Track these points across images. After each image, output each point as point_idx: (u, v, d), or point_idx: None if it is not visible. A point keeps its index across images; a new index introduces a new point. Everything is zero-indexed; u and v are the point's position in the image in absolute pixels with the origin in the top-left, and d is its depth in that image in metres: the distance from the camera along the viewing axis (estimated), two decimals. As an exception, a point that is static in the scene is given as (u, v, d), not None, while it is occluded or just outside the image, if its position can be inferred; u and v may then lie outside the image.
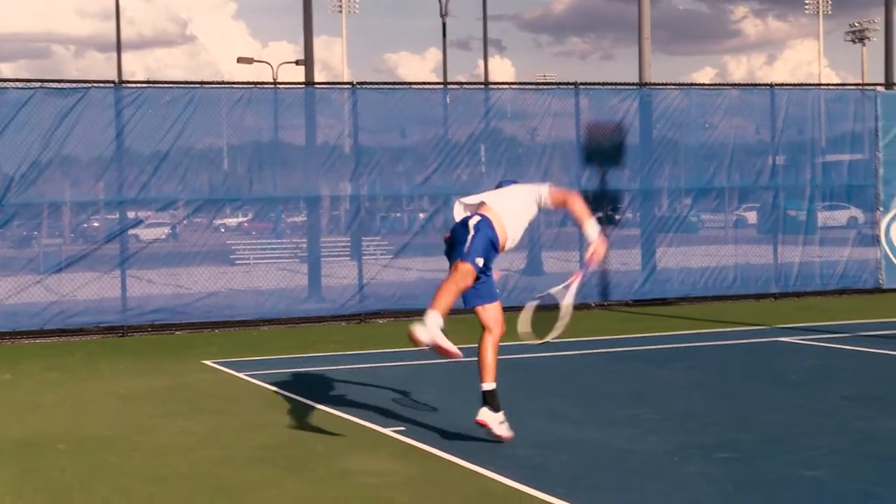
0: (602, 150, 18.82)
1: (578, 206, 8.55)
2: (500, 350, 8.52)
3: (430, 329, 7.85)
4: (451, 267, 8.35)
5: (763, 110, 19.57)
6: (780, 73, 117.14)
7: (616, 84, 19.42)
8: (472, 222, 8.43)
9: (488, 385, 8.46)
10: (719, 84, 33.06)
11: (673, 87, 19.80)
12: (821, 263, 19.71)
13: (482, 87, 20.44)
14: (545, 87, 19.78)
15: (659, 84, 20.01)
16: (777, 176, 19.54)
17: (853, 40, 64.61)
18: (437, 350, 7.88)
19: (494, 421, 8.45)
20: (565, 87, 19.01)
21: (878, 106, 19.73)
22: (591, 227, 8.51)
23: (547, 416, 9.64)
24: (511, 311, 8.95)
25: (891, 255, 19.70)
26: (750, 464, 7.79)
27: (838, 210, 21.18)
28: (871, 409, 9.59)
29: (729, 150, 19.43)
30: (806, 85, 21.65)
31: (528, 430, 9.07)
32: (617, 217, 19.12)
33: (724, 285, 19.11)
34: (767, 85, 19.88)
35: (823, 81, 46.39)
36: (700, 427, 9.04)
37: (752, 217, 20.87)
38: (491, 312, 8.63)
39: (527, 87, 19.81)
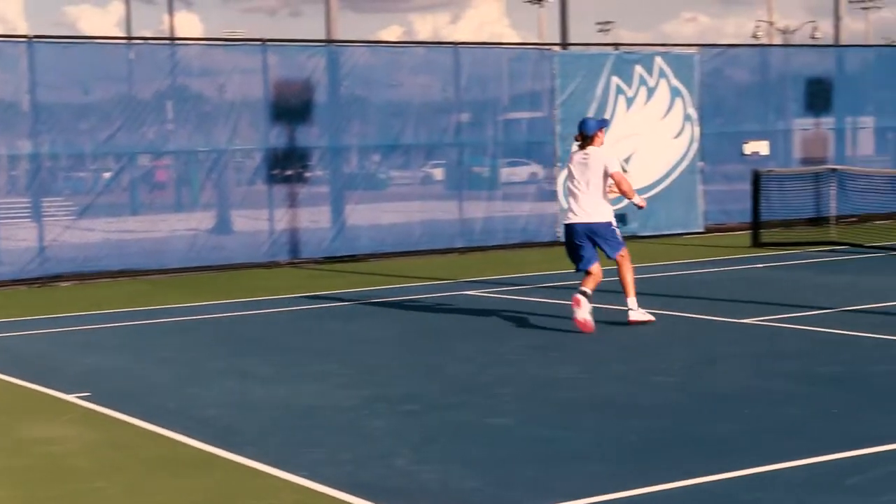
0: (291, 108, 18.74)
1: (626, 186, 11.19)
2: (187, 311, 8.42)
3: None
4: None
5: (447, 69, 19.96)
6: (464, 32, 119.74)
7: (303, 41, 19.36)
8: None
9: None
10: (405, 42, 33.49)
11: (360, 44, 19.91)
12: (503, 218, 20.35)
13: (168, 42, 19.93)
14: (232, 43, 19.50)
15: (346, 41, 20.09)
16: (462, 133, 20.01)
17: (532, 1, 66.72)
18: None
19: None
20: (252, 43, 18.79)
21: (555, 65, 20.48)
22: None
23: (236, 375, 9.57)
24: (199, 271, 8.78)
25: (568, 209, 20.55)
26: (437, 414, 7.99)
27: (519, 166, 21.89)
28: (550, 357, 10.01)
29: (415, 107, 19.73)
30: (488, 44, 22.20)
31: (216, 390, 8.99)
32: (306, 174, 19.13)
33: (411, 241, 19.45)
34: (451, 43, 20.29)
35: (506, 41, 47.71)
36: (388, 380, 9.20)
37: (438, 174, 21.28)
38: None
39: (214, 43, 19.49)
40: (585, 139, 11.21)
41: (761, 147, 22.49)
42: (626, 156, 20.94)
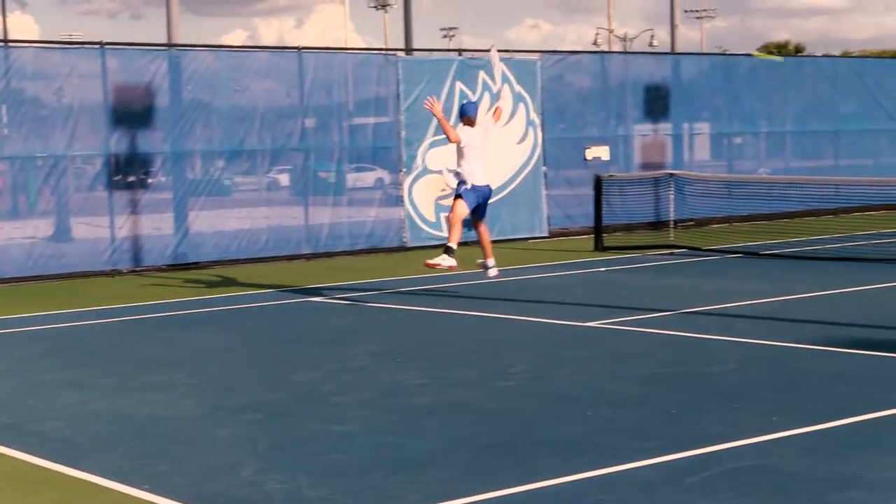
0: (132, 112, 18.37)
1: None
2: (25, 322, 8.16)
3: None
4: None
5: (292, 73, 19.82)
6: (309, 36, 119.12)
7: (144, 45, 18.99)
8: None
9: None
10: (249, 46, 33.15)
11: (202, 48, 19.63)
12: (350, 224, 20.30)
13: (0, 44, 19.35)
14: (70, 46, 19.02)
15: (188, 45, 19.78)
16: (307, 138, 19.89)
17: (376, 7, 66.81)
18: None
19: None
20: (91, 46, 18.37)
21: (399, 71, 20.52)
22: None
23: (76, 387, 9.32)
24: (37, 280, 8.53)
25: (413, 215, 20.62)
26: (281, 423, 7.91)
27: (365, 171, 21.86)
28: (394, 362, 10.01)
29: (260, 112, 19.54)
30: (332, 49, 22.12)
31: (55, 402, 8.75)
32: (149, 180, 18.77)
33: (257, 248, 19.25)
34: (295, 48, 20.16)
35: (350, 46, 47.63)
36: (232, 389, 9.08)
37: (284, 179, 21.11)
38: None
39: (50, 45, 18.98)
40: (472, 121, 13.76)
41: (602, 152, 22.91)
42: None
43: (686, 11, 78.73)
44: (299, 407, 8.39)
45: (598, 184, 19.96)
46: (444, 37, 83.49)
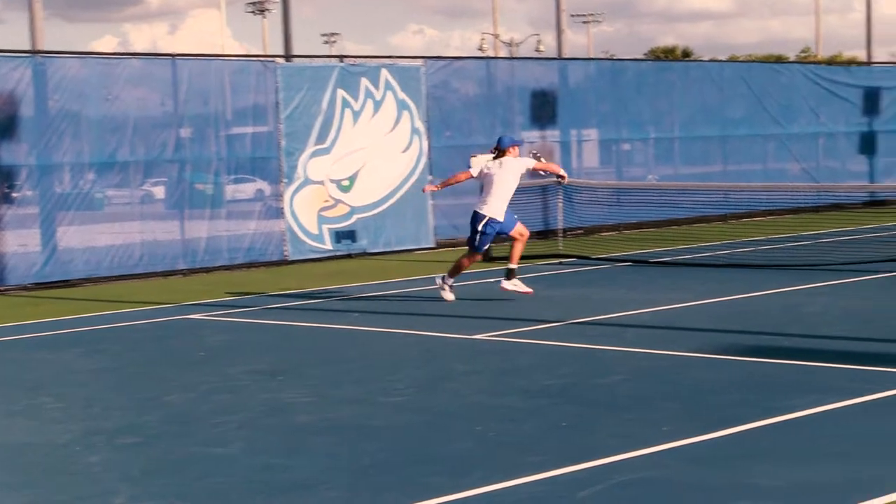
0: (-7, 123, 17.97)
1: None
2: None
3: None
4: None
5: (166, 81, 19.58)
6: (184, 43, 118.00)
7: (5, 51, 18.59)
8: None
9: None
10: (120, 53, 32.71)
11: (69, 55, 19.29)
12: (228, 237, 20.10)
13: None
14: (-75, 53, 18.54)
15: (54, 52, 19.41)
16: (183, 149, 19.66)
17: (254, 12, 66.41)
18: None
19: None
20: (-53, 53, 17.92)
21: (278, 78, 20.40)
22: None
23: (-64, 414, 9.06)
24: None
25: (295, 227, 20.50)
26: (156, 446, 7.78)
27: (245, 183, 21.68)
28: (276, 381, 9.92)
29: (132, 122, 19.24)
30: (208, 55, 21.89)
31: (-87, 431, 8.48)
32: (13, 195, 18.37)
33: (130, 264, 18.96)
34: (169, 55, 19.91)
35: (227, 52, 47.19)
36: (104, 412, 8.91)
37: (159, 192, 20.82)
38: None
39: None
40: (500, 152, 14.16)
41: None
42: (353, 171, 21.08)
43: (573, 16, 79.73)
44: (176, 429, 8.26)
45: (485, 192, 20.00)
46: (325, 43, 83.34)
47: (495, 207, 14.26)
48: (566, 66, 25.21)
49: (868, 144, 29.32)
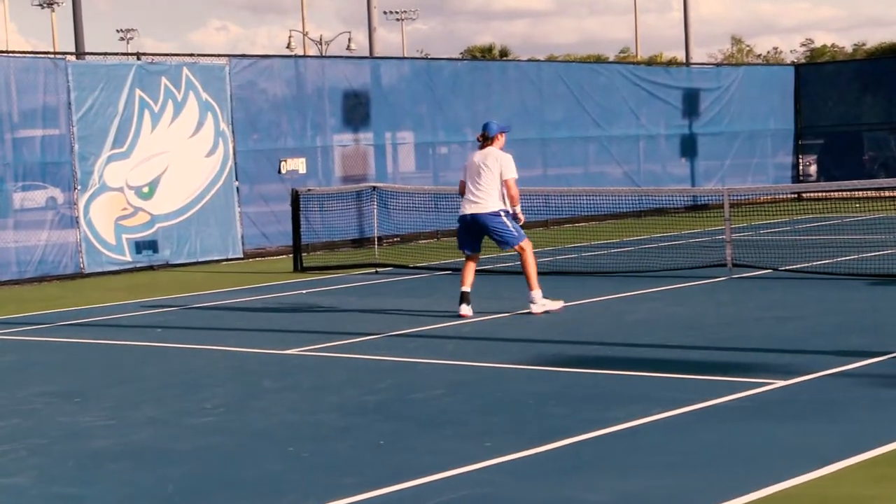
0: None
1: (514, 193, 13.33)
2: None
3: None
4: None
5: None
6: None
7: None
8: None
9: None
10: None
11: None
12: (17, 249, 19.56)
13: None
14: None
15: None
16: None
17: (41, 5, 64.86)
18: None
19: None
20: None
21: (69, 77, 19.94)
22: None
23: None
24: None
25: (91, 237, 20.05)
26: (-62, 479, 7.51)
27: (35, 190, 21.11)
28: (72, 403, 9.69)
29: None
30: (-8, 53, 21.29)
31: None
32: None
33: None
34: (-52, 52, 19.26)
35: (11, 49, 45.95)
36: None
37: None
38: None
39: None
40: (486, 139, 13.37)
41: (299, 165, 22.96)
42: (154, 176, 20.74)
43: (385, 13, 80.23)
44: (-41, 459, 7.99)
45: (296, 199, 19.96)
46: (122, 39, 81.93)
47: (494, 200, 13.26)
48: (379, 65, 25.29)
49: (689, 147, 30.22)
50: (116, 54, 22.22)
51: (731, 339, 11.19)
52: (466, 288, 13.44)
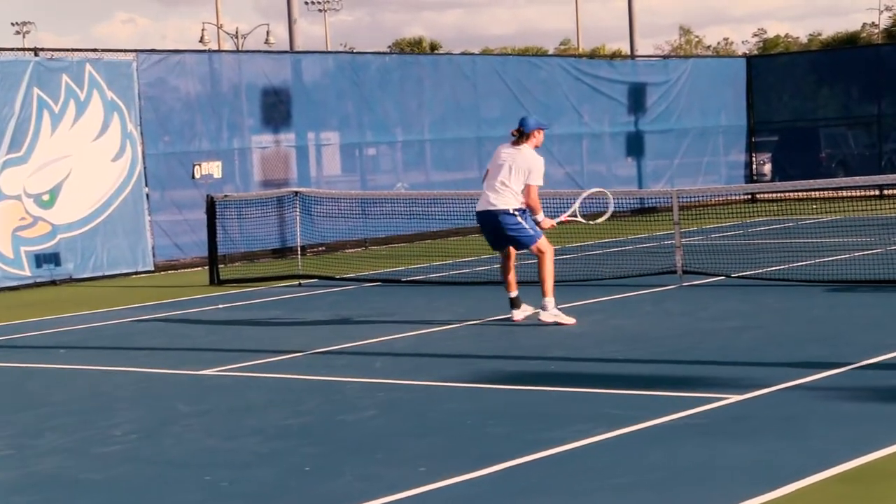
0: None
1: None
2: None
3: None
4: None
5: None
6: None
7: None
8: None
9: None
10: None
11: None
12: None
13: None
14: None
15: None
16: None
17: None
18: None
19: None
20: None
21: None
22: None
23: None
24: None
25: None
26: None
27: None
28: (-31, 432, 9.60)
29: None
30: None
31: None
32: None
33: None
34: None
35: None
36: None
37: None
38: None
39: None
40: (522, 135, 13.30)
41: (214, 169, 22.87)
42: (55, 183, 20.57)
43: (307, 3, 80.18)
44: None
45: (212, 206, 19.87)
46: (17, 33, 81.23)
47: (511, 199, 13.13)
48: (300, 60, 25.26)
49: (635, 146, 30.42)
50: (11, 49, 22.01)
51: (683, 352, 11.29)
52: (513, 293, 13.52)
